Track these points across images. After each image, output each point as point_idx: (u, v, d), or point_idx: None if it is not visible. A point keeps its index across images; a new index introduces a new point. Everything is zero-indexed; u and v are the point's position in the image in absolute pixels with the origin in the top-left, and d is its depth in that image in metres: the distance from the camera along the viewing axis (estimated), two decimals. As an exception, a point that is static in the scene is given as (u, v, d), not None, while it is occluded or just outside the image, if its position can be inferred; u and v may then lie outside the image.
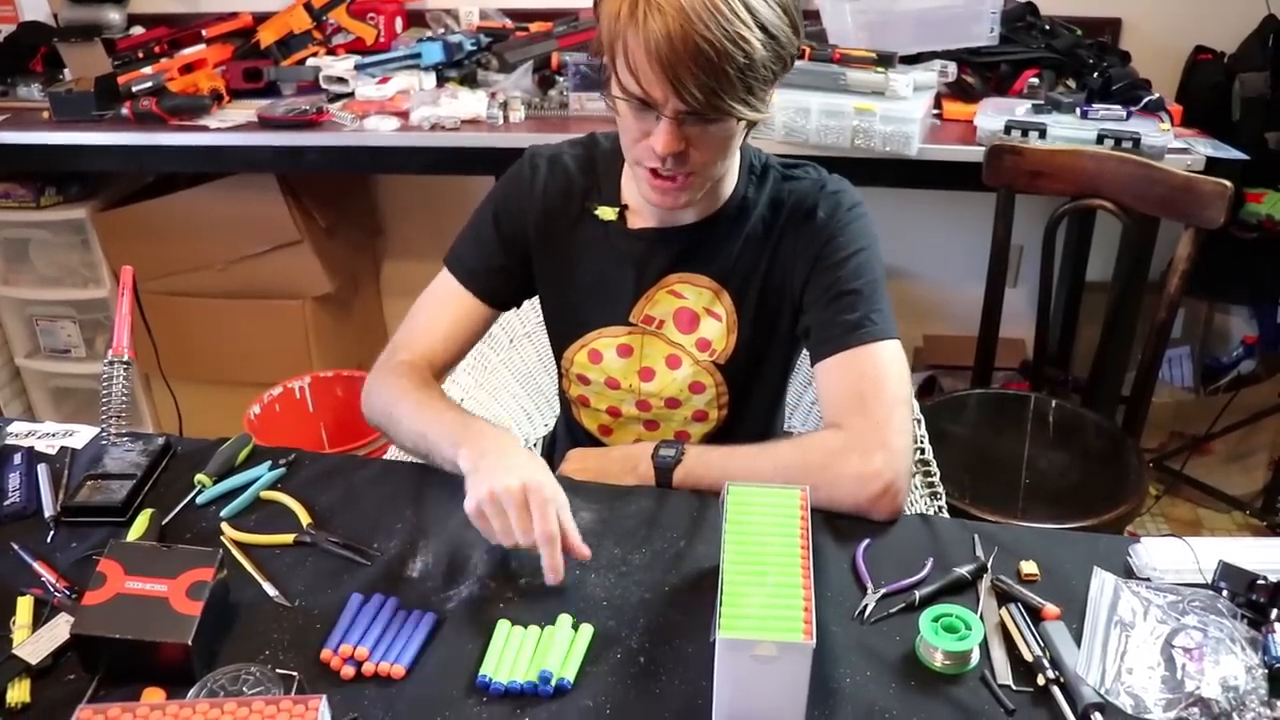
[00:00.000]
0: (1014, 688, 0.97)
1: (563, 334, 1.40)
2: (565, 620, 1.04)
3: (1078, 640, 1.01)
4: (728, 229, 1.30)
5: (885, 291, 1.27)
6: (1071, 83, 2.38)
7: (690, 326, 1.34)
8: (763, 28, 1.06)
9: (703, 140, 1.13)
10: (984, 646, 1.01)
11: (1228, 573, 1.06)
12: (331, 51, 2.70)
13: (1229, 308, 2.87)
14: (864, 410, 1.20)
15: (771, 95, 1.15)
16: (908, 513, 1.21)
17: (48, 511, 1.23)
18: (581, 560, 1.09)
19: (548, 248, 1.35)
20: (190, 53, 2.62)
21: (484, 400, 1.69)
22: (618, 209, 1.32)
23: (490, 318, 1.39)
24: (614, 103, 1.14)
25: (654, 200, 1.20)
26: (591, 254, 1.34)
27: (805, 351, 1.35)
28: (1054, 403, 2.06)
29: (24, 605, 1.07)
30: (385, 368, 1.33)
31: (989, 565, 1.11)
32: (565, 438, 1.56)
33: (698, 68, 1.03)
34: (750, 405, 1.39)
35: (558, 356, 1.42)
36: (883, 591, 1.08)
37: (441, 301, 1.37)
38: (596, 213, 1.32)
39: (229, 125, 2.41)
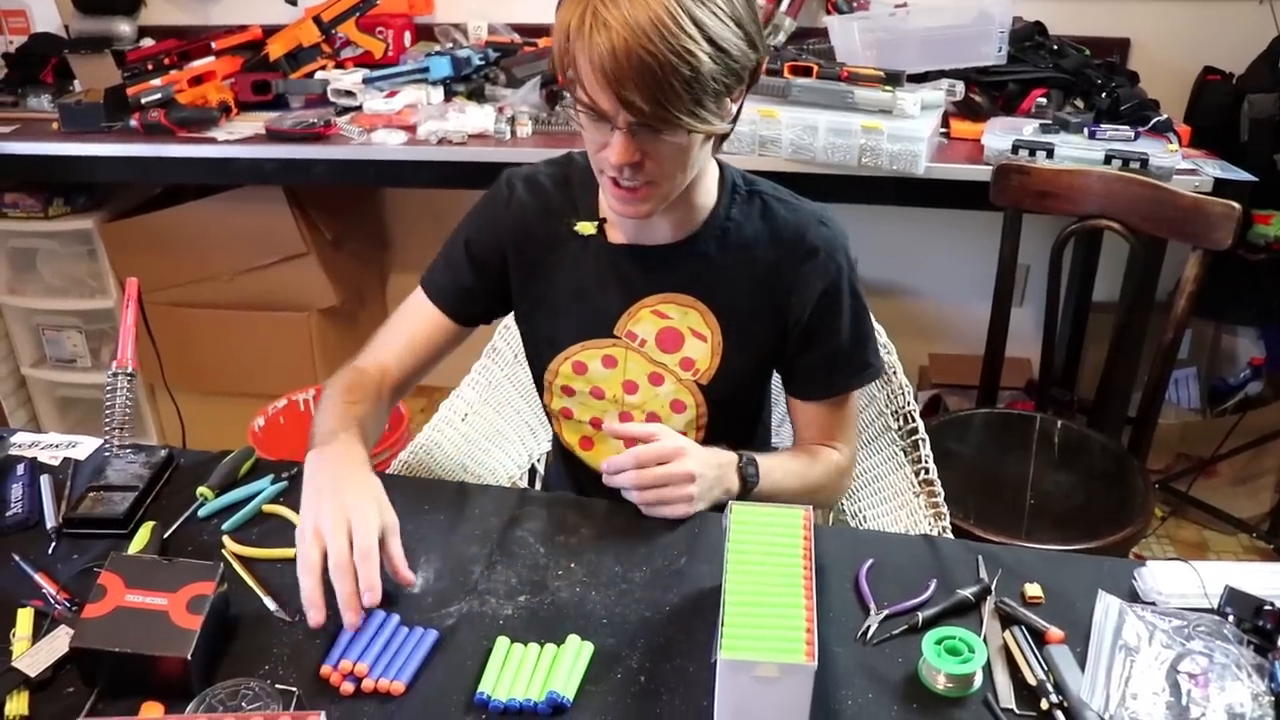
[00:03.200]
0: (1017, 712, 0.96)
1: (545, 347, 1.40)
2: (566, 638, 1.03)
3: (1082, 664, 1.00)
4: (714, 249, 1.30)
5: (871, 319, 1.37)
6: (1079, 103, 2.39)
7: (674, 346, 1.33)
8: (711, 41, 1.06)
9: (658, 151, 1.13)
10: (987, 669, 1.00)
11: (1234, 598, 1.05)
12: (340, 65, 2.72)
13: (1236, 329, 2.86)
14: (847, 437, 1.39)
15: (730, 107, 1.16)
16: (912, 533, 1.21)
17: (49, 523, 1.23)
18: (406, 586, 1.08)
19: (526, 266, 1.36)
20: (199, 65, 2.63)
21: (488, 415, 1.69)
22: (596, 223, 1.33)
23: (456, 334, 1.40)
24: (575, 113, 1.16)
25: (617, 209, 1.21)
26: (573, 268, 1.35)
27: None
28: (1059, 423, 2.05)
29: (24, 617, 1.06)
30: (340, 368, 1.34)
31: (993, 587, 1.10)
32: (555, 455, 1.57)
33: (641, 81, 1.04)
34: (728, 428, 1.39)
35: (540, 373, 1.42)
36: (885, 613, 1.07)
37: (408, 317, 1.39)
38: (576, 228, 1.33)
39: (237, 137, 2.42)
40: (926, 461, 1.46)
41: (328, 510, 1.06)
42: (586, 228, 1.33)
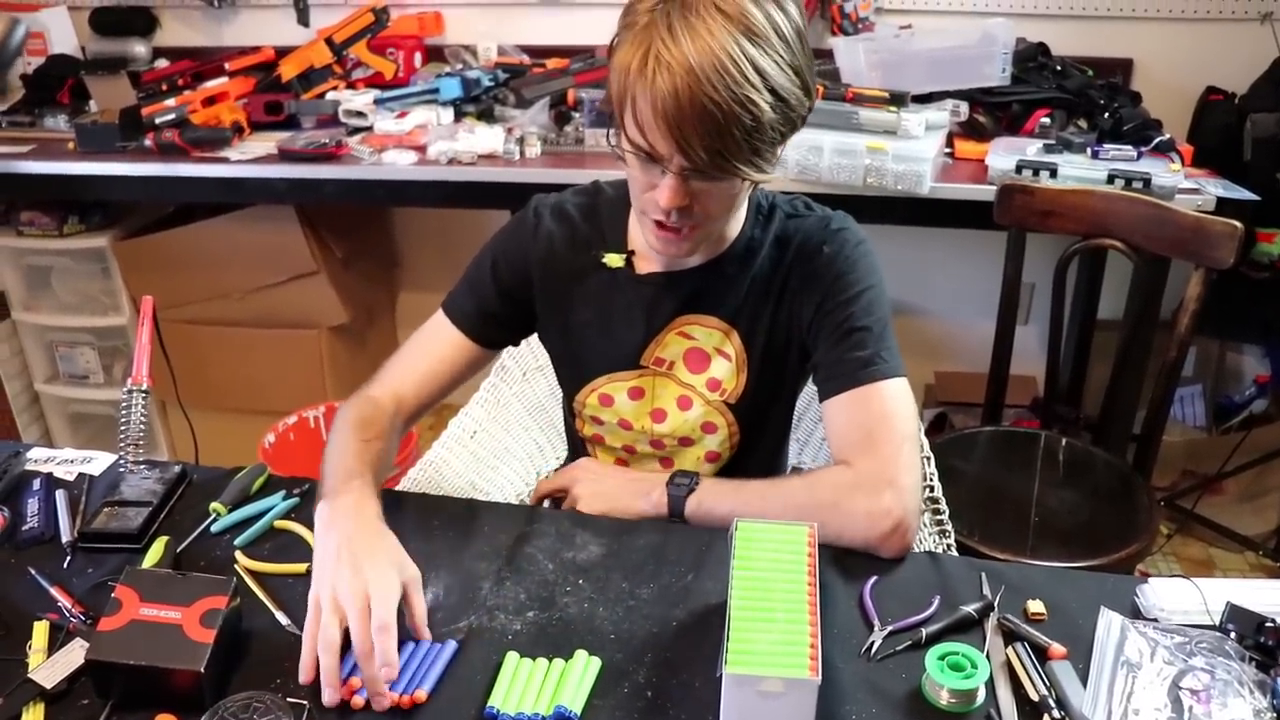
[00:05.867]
0: (1020, 727, 0.97)
1: (573, 378, 1.41)
2: (574, 653, 1.04)
3: (1084, 680, 1.01)
4: (735, 269, 1.31)
5: (892, 328, 1.28)
6: (1083, 123, 2.40)
7: (700, 366, 1.34)
8: (772, 91, 1.06)
9: (707, 196, 1.14)
10: (990, 685, 1.01)
11: (1236, 614, 1.06)
12: (351, 86, 2.75)
13: (1241, 347, 2.87)
14: (872, 448, 1.20)
15: (779, 154, 1.16)
16: (916, 550, 1.22)
17: (65, 537, 1.24)
18: (422, 639, 1.05)
19: (552, 295, 1.36)
20: (213, 85, 2.67)
21: (496, 433, 1.71)
22: (625, 255, 1.33)
23: (480, 358, 1.39)
24: (622, 153, 1.15)
25: (658, 249, 1.22)
26: (599, 300, 1.35)
27: (814, 389, 1.36)
28: (1064, 441, 2.06)
29: (40, 630, 1.08)
30: (352, 396, 1.34)
31: (996, 604, 1.11)
32: None
33: (703, 128, 1.04)
34: (759, 443, 1.40)
35: (569, 398, 1.43)
36: (889, 629, 1.08)
37: (429, 340, 1.37)
38: (604, 260, 1.33)
39: (249, 157, 2.45)
40: (931, 479, 1.47)
41: (345, 580, 1.02)
42: (615, 260, 1.32)
